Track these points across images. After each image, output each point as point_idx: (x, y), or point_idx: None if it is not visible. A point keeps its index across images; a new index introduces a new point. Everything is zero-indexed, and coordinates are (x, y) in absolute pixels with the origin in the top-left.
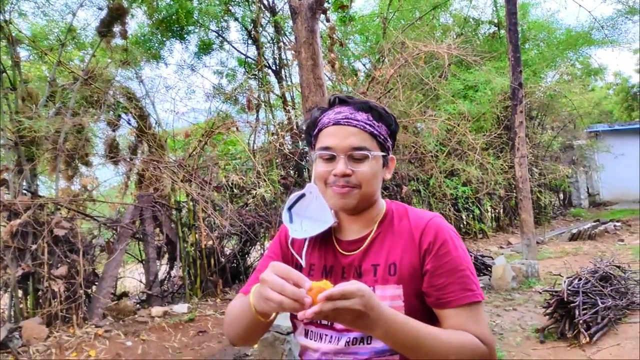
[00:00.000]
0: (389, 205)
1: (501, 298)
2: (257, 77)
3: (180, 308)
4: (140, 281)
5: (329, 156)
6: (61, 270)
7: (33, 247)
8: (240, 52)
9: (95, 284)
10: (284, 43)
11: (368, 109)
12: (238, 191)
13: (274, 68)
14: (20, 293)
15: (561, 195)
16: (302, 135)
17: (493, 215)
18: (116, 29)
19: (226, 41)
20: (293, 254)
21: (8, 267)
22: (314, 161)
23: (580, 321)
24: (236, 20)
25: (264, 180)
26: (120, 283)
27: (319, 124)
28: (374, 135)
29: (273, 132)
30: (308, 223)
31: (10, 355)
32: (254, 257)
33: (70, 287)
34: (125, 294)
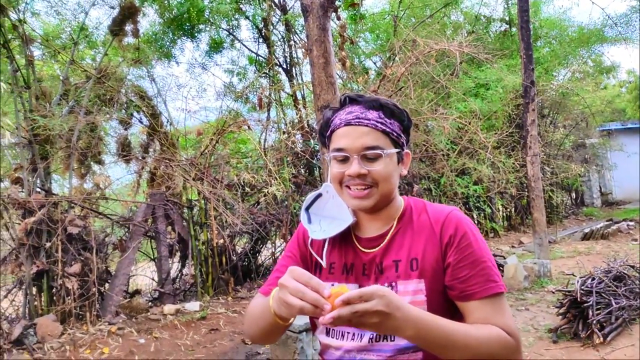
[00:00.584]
0: (407, 201)
1: (513, 298)
2: (268, 76)
3: (192, 306)
4: (152, 279)
5: (343, 157)
6: (75, 267)
7: (47, 245)
8: (251, 51)
9: (108, 281)
10: (295, 41)
11: (379, 107)
12: (249, 189)
13: (285, 66)
14: (34, 290)
15: (573, 194)
16: (313, 134)
17: (505, 214)
18: (128, 27)
19: (237, 39)
20: (312, 254)
21: (23, 265)
22: (329, 163)
23: (594, 321)
24: (247, 18)
25: (275, 179)
26: (132, 281)
27: (331, 125)
28: (387, 133)
29: (284, 131)
30: (327, 222)
31: (25, 351)
32: (265, 256)
33: (84, 285)
34: (137, 292)
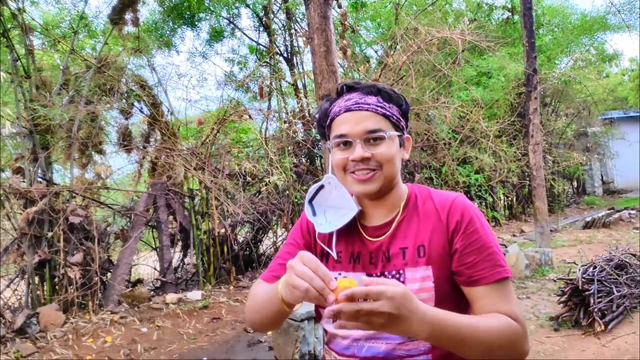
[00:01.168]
0: (410, 189)
1: (514, 286)
2: (269, 65)
3: (194, 295)
4: (154, 268)
5: (345, 143)
6: (77, 257)
7: (49, 235)
8: (251, 39)
9: (110, 271)
10: (296, 30)
11: (377, 92)
12: (250, 179)
13: (286, 55)
14: (37, 280)
15: (575, 183)
16: (314, 123)
17: (506, 203)
18: (128, 16)
19: (237, 28)
20: (319, 243)
21: (25, 254)
22: (330, 151)
23: (595, 309)
24: (247, 7)
25: (277, 168)
26: (134, 270)
27: (330, 114)
28: (387, 117)
29: (285, 120)
30: (332, 212)
31: (28, 340)
32: (266, 245)
33: (86, 274)
34: (139, 281)
